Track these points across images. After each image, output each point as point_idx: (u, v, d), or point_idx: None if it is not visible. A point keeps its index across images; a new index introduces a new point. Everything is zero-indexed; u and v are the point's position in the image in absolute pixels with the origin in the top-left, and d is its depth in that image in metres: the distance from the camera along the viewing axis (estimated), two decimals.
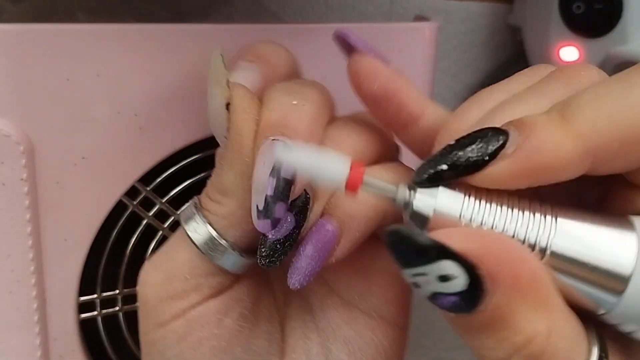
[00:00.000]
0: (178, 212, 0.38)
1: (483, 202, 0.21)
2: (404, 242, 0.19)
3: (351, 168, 0.21)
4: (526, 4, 0.53)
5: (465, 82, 0.59)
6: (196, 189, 0.38)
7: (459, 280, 0.19)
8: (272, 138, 0.24)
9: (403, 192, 0.21)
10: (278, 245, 0.24)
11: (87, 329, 0.37)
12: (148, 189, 0.36)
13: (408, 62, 0.41)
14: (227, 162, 0.26)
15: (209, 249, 0.26)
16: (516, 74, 0.26)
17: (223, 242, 0.26)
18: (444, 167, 0.21)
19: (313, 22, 0.54)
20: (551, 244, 0.20)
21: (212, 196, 0.27)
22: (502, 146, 0.21)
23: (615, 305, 0.20)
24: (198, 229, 0.26)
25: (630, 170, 0.21)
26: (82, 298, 0.36)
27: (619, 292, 0.20)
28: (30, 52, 0.31)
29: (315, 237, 0.25)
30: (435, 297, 0.20)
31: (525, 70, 0.26)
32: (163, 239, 0.38)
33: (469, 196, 0.21)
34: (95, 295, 0.37)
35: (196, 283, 0.27)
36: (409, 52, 0.41)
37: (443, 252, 0.19)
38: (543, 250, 0.20)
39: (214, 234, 0.26)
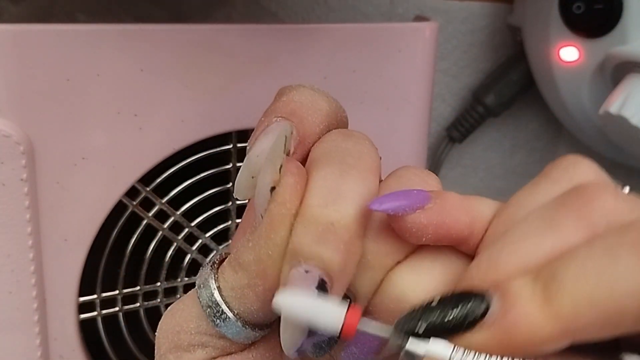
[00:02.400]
0: (178, 213, 0.38)
1: (472, 352, 0.21)
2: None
3: (346, 318, 0.21)
4: (526, 4, 0.53)
5: (465, 82, 0.59)
6: (196, 189, 0.38)
7: None
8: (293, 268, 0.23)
9: (396, 337, 0.21)
10: (322, 345, 0.23)
11: (87, 329, 0.37)
12: (148, 189, 0.36)
13: (408, 62, 0.41)
14: (253, 241, 0.24)
15: (213, 314, 0.24)
16: (538, 183, 0.24)
17: (228, 311, 0.24)
18: (423, 326, 0.21)
19: (313, 22, 0.54)
20: None
21: (231, 262, 0.25)
22: (483, 315, 0.20)
23: None
24: (206, 290, 0.25)
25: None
26: (82, 298, 0.36)
27: None
28: (30, 52, 0.31)
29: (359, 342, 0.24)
30: None
31: (548, 174, 0.24)
32: (163, 239, 0.38)
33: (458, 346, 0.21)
34: (95, 296, 0.37)
35: (201, 340, 0.25)
36: (409, 52, 0.41)
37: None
38: None
39: (219, 299, 0.24)
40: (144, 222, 0.37)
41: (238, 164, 0.39)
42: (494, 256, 0.22)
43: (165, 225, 0.38)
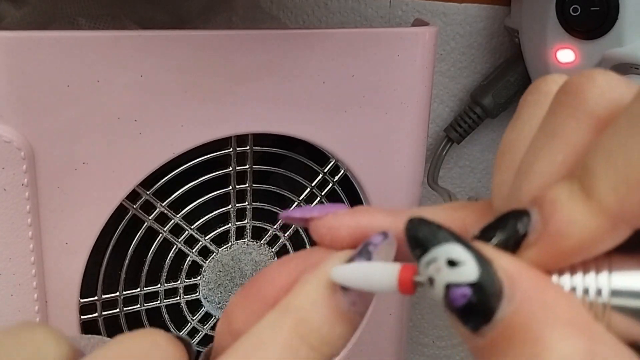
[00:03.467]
0: (178, 216, 0.38)
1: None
2: (418, 226, 0.19)
3: (400, 272, 0.20)
4: (523, 7, 0.54)
5: (463, 84, 0.59)
6: (196, 192, 0.39)
7: (470, 268, 0.18)
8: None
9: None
10: None
11: (88, 331, 0.37)
12: (148, 192, 0.37)
13: (407, 66, 0.42)
14: None
15: None
16: (519, 115, 0.23)
17: None
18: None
19: (313, 25, 0.54)
20: (607, 299, 0.19)
21: None
22: (525, 234, 0.19)
23: None
24: None
25: None
26: (83, 300, 0.36)
27: None
28: (31, 59, 0.31)
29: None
30: (450, 292, 0.18)
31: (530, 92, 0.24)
32: (163, 242, 0.38)
33: None
34: (96, 298, 0.37)
35: None
36: (409, 56, 0.41)
37: (452, 234, 0.19)
38: (602, 306, 0.19)
39: None
40: (145, 224, 0.37)
41: (237, 168, 0.39)
42: (516, 190, 0.21)
43: (166, 228, 0.38)
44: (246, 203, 0.41)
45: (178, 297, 0.40)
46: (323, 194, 0.42)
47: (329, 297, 0.21)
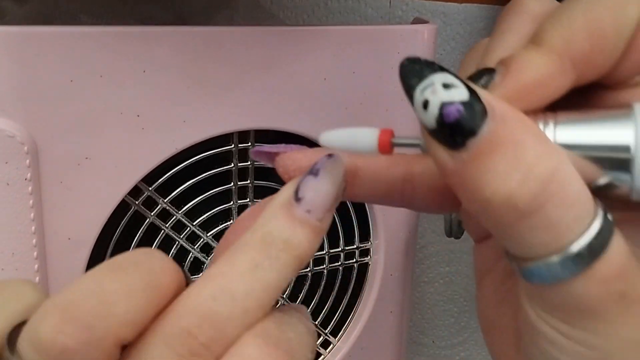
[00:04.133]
0: (180, 212, 0.38)
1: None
2: (416, 61, 0.22)
3: (380, 134, 0.24)
4: None
5: None
6: (198, 188, 0.39)
7: (461, 90, 0.21)
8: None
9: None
10: None
11: None
12: (151, 188, 0.37)
13: None
14: None
15: None
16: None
17: None
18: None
19: (314, 24, 0.55)
20: (555, 137, 0.23)
21: None
22: (490, 79, 0.24)
23: (635, 175, 0.21)
24: None
25: (610, 69, 0.23)
26: None
27: (628, 163, 0.22)
28: (34, 54, 0.32)
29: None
30: (443, 110, 0.21)
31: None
32: (165, 238, 0.39)
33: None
34: None
35: None
36: (408, 54, 0.41)
37: (443, 68, 0.22)
38: None
39: None
40: (147, 220, 0.37)
41: (239, 164, 0.39)
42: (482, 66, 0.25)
43: (168, 224, 0.38)
44: (248, 200, 0.41)
45: None
46: None
47: (286, 208, 0.24)
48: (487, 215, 0.22)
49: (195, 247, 0.40)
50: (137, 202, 0.37)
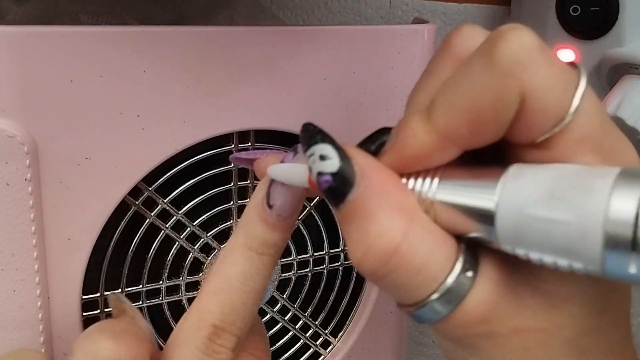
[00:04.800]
0: (180, 213, 0.38)
1: None
2: (306, 130, 0.26)
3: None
4: (523, 7, 0.54)
5: None
6: (198, 188, 0.39)
7: (334, 161, 0.24)
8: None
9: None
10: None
11: None
12: (150, 188, 0.37)
13: (407, 63, 0.42)
14: None
15: None
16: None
17: None
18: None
19: (314, 24, 0.55)
20: (434, 195, 0.24)
21: None
22: (384, 143, 0.25)
23: (496, 236, 0.23)
24: None
25: (493, 142, 0.24)
26: (86, 296, 0.36)
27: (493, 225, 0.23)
28: (34, 53, 0.32)
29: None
30: (319, 178, 0.24)
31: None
32: (165, 238, 0.38)
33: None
34: (98, 294, 0.37)
35: None
36: (408, 53, 0.42)
37: (326, 137, 0.25)
38: (428, 201, 0.25)
39: None
40: (147, 221, 0.37)
41: (239, 165, 0.39)
42: (404, 116, 0.26)
43: (168, 225, 0.38)
44: (248, 200, 0.41)
45: (180, 294, 0.40)
46: None
47: (260, 214, 0.29)
48: None
49: (195, 247, 0.40)
50: (137, 203, 0.37)
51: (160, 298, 0.40)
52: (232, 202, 0.40)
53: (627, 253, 0.19)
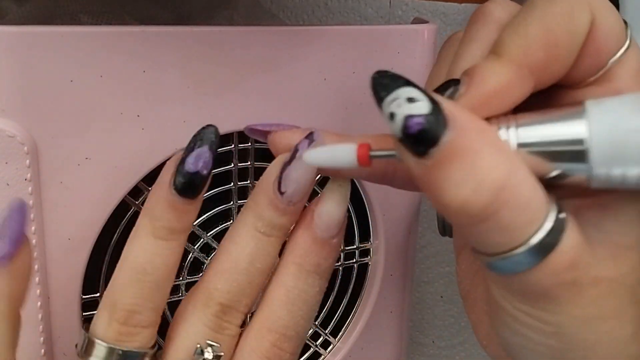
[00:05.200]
0: None
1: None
2: (384, 75, 0.25)
3: (358, 150, 0.26)
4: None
5: None
6: None
7: (423, 104, 0.23)
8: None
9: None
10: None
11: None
12: (150, 189, 0.37)
13: (407, 63, 0.42)
14: None
15: None
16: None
17: None
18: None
19: (314, 24, 0.54)
20: (518, 138, 0.25)
21: None
22: (456, 89, 0.26)
23: (589, 163, 0.23)
24: None
25: (565, 73, 0.25)
26: (86, 296, 0.36)
27: (584, 155, 0.23)
28: (34, 53, 0.32)
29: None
30: (408, 122, 0.23)
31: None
32: None
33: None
34: (98, 294, 0.37)
35: None
36: (408, 53, 0.42)
37: (410, 81, 0.24)
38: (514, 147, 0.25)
39: None
40: None
41: (239, 164, 0.39)
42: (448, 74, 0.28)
43: None
44: (248, 200, 0.40)
45: (180, 294, 0.40)
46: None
47: (270, 199, 0.29)
48: (449, 217, 0.24)
49: (195, 247, 0.40)
50: (137, 202, 0.37)
51: None
52: (232, 202, 0.40)
53: None
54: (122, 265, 0.31)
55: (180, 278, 0.40)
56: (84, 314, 0.37)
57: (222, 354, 0.30)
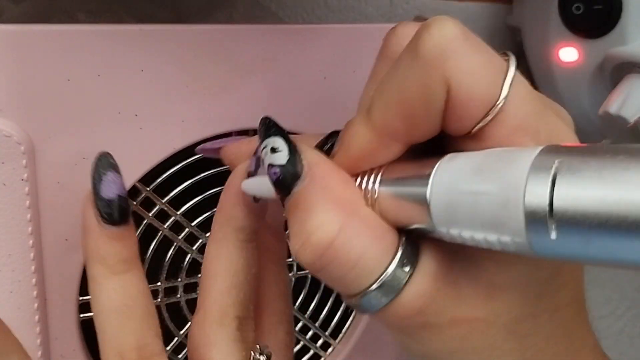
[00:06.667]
0: (178, 213, 0.38)
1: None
2: (263, 123, 0.27)
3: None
4: (525, 5, 0.53)
5: None
6: (196, 189, 0.38)
7: (283, 154, 0.25)
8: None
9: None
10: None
11: (87, 329, 0.37)
12: (148, 189, 0.36)
13: None
14: None
15: None
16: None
17: None
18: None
19: (313, 22, 0.54)
20: (377, 189, 0.25)
21: None
22: (332, 146, 0.27)
23: (432, 223, 0.23)
24: None
25: (433, 135, 0.24)
26: (83, 298, 0.36)
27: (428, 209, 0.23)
28: (31, 52, 0.31)
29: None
30: (269, 170, 0.25)
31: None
32: (163, 239, 0.38)
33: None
34: None
35: None
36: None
37: (279, 131, 0.26)
38: (373, 196, 0.25)
39: None
40: (145, 222, 0.37)
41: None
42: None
43: (166, 225, 0.38)
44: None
45: (178, 296, 0.40)
46: None
47: (248, 208, 0.31)
48: None
49: (194, 248, 0.39)
50: (135, 203, 0.36)
51: (159, 299, 0.39)
52: None
53: (545, 221, 0.19)
54: (102, 316, 0.31)
55: (179, 279, 0.39)
56: (81, 315, 0.36)
57: (271, 353, 0.31)
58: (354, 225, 0.24)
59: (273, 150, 0.25)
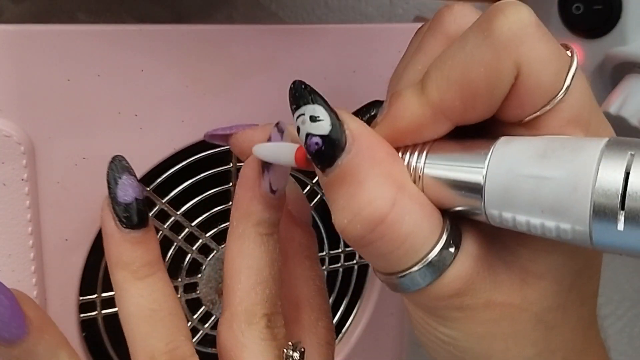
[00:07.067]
0: (178, 213, 0.38)
1: None
2: (298, 88, 0.25)
3: (297, 150, 0.27)
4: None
5: None
6: (196, 189, 0.38)
7: (325, 123, 0.23)
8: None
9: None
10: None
11: (87, 329, 0.37)
12: (148, 189, 0.36)
13: None
14: None
15: None
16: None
17: None
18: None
19: (313, 22, 0.54)
20: (422, 168, 0.25)
21: None
22: (375, 115, 0.26)
23: (483, 202, 0.23)
24: None
25: (486, 118, 0.24)
26: (83, 298, 0.36)
27: (481, 192, 0.23)
28: (31, 52, 0.31)
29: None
30: (307, 140, 0.24)
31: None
32: (163, 239, 0.38)
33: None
34: (95, 296, 0.37)
35: None
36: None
37: (318, 97, 0.24)
38: (417, 172, 0.25)
39: None
40: None
41: (238, 164, 0.39)
42: (393, 91, 0.26)
43: (166, 225, 0.38)
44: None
45: (178, 296, 0.40)
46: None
47: (265, 201, 0.30)
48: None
49: (193, 248, 0.39)
50: None
51: None
52: (230, 203, 0.40)
53: (615, 210, 0.19)
54: (130, 323, 0.30)
55: (179, 279, 0.39)
56: (81, 315, 0.36)
57: (304, 349, 0.30)
58: (405, 201, 0.23)
59: (313, 118, 0.24)
